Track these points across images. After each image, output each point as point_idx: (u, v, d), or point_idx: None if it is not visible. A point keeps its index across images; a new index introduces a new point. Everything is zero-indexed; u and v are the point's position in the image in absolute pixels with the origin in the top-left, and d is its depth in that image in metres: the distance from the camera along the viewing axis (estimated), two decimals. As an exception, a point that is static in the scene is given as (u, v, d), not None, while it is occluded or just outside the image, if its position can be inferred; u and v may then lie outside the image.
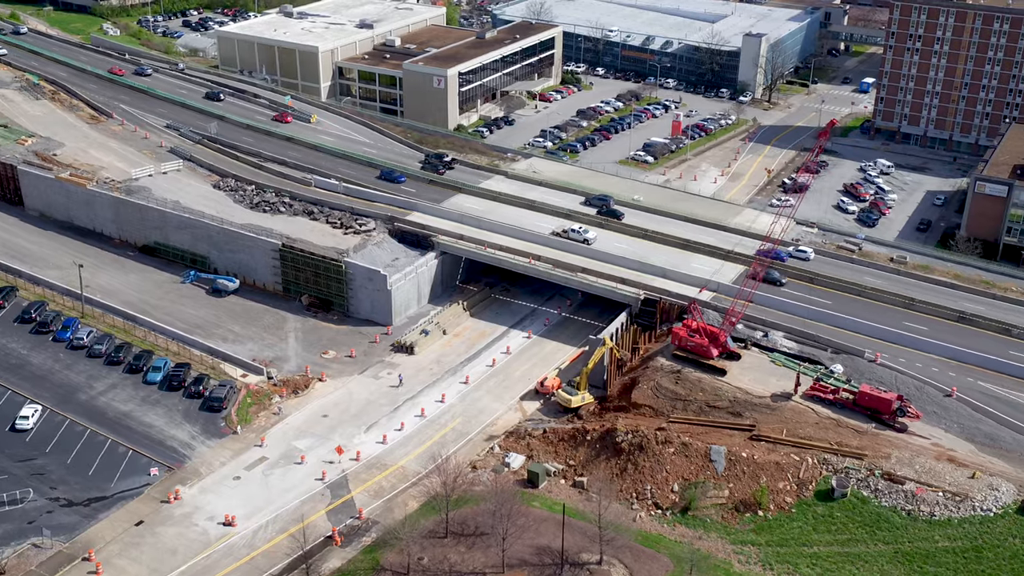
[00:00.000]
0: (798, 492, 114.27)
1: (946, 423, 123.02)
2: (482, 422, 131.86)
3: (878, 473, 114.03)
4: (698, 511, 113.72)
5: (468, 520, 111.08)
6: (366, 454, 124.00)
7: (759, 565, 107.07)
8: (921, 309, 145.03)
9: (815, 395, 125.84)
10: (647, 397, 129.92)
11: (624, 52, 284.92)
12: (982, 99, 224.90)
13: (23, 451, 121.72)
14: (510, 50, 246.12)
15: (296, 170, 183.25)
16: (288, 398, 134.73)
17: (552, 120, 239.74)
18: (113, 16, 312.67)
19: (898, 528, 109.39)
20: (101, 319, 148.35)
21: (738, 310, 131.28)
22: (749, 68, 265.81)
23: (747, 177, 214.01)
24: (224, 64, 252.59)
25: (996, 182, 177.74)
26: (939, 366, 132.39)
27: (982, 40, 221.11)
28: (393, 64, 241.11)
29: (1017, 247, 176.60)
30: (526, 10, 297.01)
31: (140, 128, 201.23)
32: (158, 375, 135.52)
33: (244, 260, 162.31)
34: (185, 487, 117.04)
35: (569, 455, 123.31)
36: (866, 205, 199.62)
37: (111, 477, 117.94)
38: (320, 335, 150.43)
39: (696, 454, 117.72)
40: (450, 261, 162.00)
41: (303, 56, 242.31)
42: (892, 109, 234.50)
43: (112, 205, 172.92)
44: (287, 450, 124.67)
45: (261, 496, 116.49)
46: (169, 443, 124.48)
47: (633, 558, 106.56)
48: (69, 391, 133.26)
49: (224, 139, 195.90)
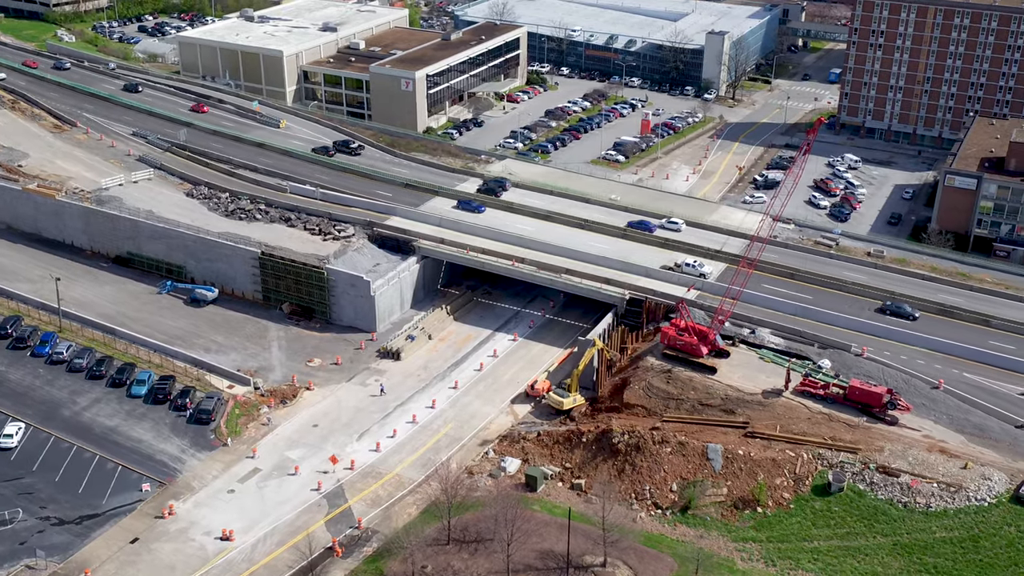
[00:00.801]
0: (795, 488, 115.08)
1: (935, 415, 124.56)
2: (474, 427, 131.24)
3: (873, 466, 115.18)
4: (698, 510, 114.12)
5: (469, 526, 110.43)
6: (360, 463, 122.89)
7: (762, 562, 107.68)
8: (902, 302, 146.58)
9: (806, 391, 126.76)
10: (639, 397, 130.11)
11: (588, 52, 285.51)
12: (944, 93, 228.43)
13: (9, 470, 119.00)
14: (477, 51, 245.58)
15: (270, 176, 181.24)
16: (276, 408, 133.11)
17: (521, 121, 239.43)
18: (67, 22, 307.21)
19: (895, 520, 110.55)
20: (79, 333, 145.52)
21: (726, 308, 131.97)
22: (713, 66, 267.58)
23: (718, 174, 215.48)
24: (186, 70, 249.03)
25: (965, 175, 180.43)
26: (924, 359, 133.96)
27: (943, 35, 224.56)
28: (359, 67, 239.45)
29: (987, 238, 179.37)
30: (488, 11, 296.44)
31: (106, 136, 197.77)
32: (142, 388, 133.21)
33: (222, 269, 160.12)
34: (179, 502, 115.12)
35: (565, 458, 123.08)
36: (837, 200, 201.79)
37: (102, 494, 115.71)
38: (304, 343, 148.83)
39: (693, 453, 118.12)
40: (431, 265, 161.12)
41: (267, 60, 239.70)
42: (856, 104, 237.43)
43: (83, 216, 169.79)
44: (280, 461, 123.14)
45: (257, 509, 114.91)
46: (159, 457, 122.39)
47: (637, 559, 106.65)
48: (52, 407, 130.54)
49: (194, 146, 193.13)
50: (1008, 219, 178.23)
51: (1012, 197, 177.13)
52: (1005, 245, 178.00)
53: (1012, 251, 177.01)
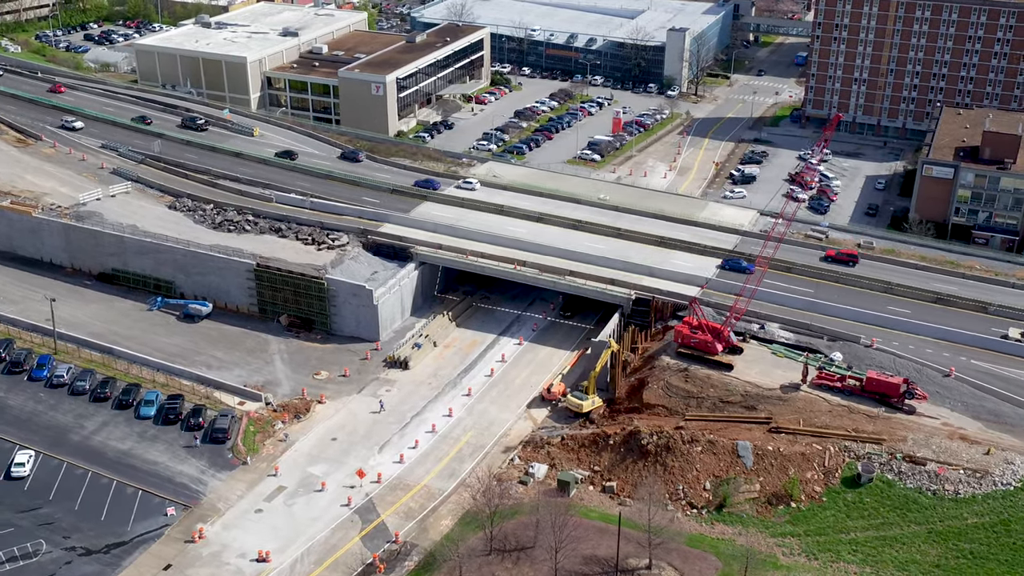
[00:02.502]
0: (825, 481, 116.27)
1: (950, 403, 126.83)
2: (494, 433, 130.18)
3: (899, 456, 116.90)
4: (733, 507, 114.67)
5: (508, 535, 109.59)
6: (387, 475, 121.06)
7: (803, 556, 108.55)
8: (899, 292, 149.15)
9: (823, 384, 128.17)
10: (659, 397, 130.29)
11: (549, 51, 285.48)
12: (908, 84, 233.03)
13: (25, 500, 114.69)
14: (443, 53, 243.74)
15: (252, 186, 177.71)
16: (291, 423, 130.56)
17: (489, 122, 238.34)
18: (8, 32, 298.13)
19: (927, 508, 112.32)
20: (76, 354, 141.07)
21: (741, 305, 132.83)
22: (675, 62, 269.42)
23: (694, 171, 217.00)
24: (144, 79, 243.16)
25: (943, 165, 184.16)
26: (932, 347, 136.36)
27: (905, 27, 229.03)
28: (325, 72, 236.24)
29: (966, 226, 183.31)
30: (446, 11, 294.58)
31: (75, 150, 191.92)
32: (151, 409, 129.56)
33: (215, 283, 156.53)
34: (207, 525, 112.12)
35: (593, 461, 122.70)
36: (814, 193, 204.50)
37: (126, 520, 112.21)
38: (307, 356, 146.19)
39: (723, 451, 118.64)
40: (428, 272, 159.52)
41: (230, 67, 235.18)
42: (822, 97, 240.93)
43: (63, 232, 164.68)
44: (304, 477, 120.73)
45: (289, 527, 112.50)
46: (179, 479, 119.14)
47: (681, 560, 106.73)
48: (59, 433, 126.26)
49: (169, 157, 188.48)
50: (985, 207, 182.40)
51: (989, 185, 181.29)
52: (983, 232, 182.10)
53: (991, 238, 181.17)
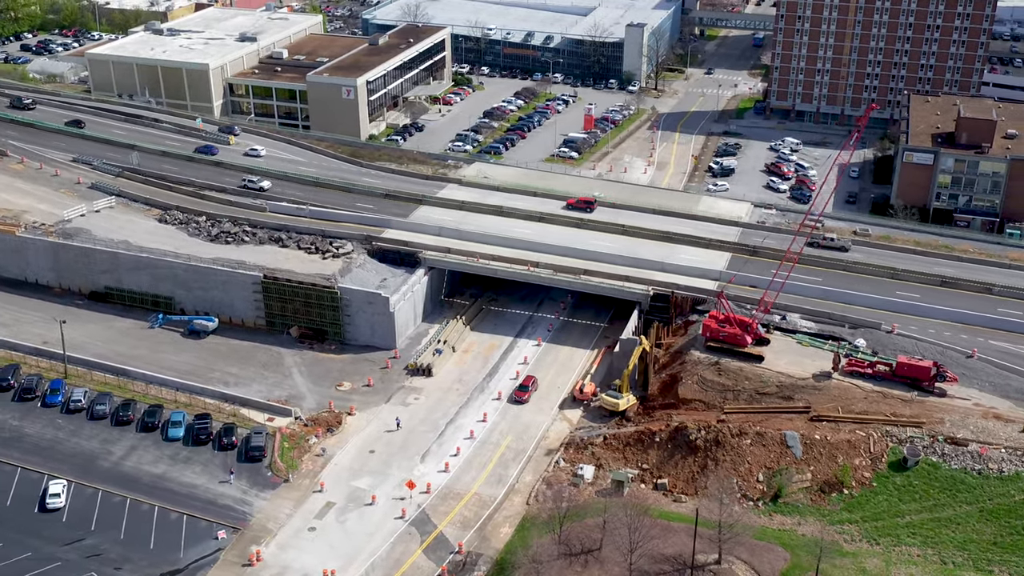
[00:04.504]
0: (873, 466, 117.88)
1: (978, 383, 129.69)
2: (533, 436, 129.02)
3: (941, 438, 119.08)
4: (787, 497, 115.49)
5: (572, 538, 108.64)
6: (435, 485, 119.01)
7: (864, 542, 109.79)
8: (906, 278, 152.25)
9: (854, 371, 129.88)
10: (694, 392, 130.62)
11: (506, 50, 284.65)
12: (870, 74, 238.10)
13: (65, 532, 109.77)
14: (409, 55, 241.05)
15: (242, 196, 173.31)
16: (325, 437, 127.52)
17: (458, 123, 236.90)
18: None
19: (974, 488, 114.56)
20: (87, 377, 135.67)
21: (769, 298, 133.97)
22: (634, 58, 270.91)
23: (671, 165, 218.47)
24: (98, 89, 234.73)
25: (923, 151, 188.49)
26: (949, 330, 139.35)
27: (866, 18, 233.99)
28: (288, 77, 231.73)
29: (947, 210, 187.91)
30: (399, 12, 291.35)
31: (46, 165, 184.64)
32: (179, 430, 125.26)
33: (218, 297, 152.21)
34: (262, 546, 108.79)
35: (640, 459, 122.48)
36: (793, 183, 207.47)
37: (176, 547, 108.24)
38: (326, 367, 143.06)
39: (772, 442, 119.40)
40: (435, 276, 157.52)
41: (191, 75, 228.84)
42: (785, 89, 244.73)
43: (50, 251, 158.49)
44: (351, 492, 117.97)
45: (346, 544, 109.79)
46: (222, 502, 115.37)
47: (749, 553, 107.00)
48: (87, 460, 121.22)
49: (148, 169, 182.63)
50: (965, 191, 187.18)
51: (968, 170, 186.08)
52: (964, 215, 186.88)
53: (972, 221, 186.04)
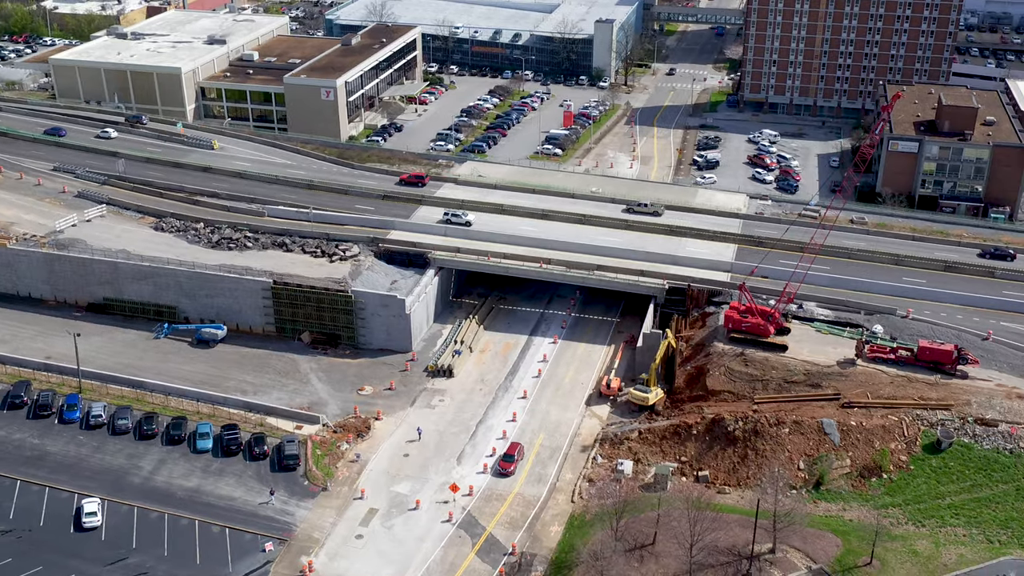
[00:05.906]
0: (908, 450, 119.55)
1: (997, 364, 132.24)
2: (565, 434, 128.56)
3: (971, 420, 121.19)
4: (829, 484, 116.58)
5: (625, 534, 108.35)
6: (477, 487, 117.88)
7: (911, 524, 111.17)
8: (910, 263, 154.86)
9: (876, 356, 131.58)
10: (722, 383, 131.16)
11: (475, 48, 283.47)
12: (841, 65, 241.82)
13: (106, 552, 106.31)
14: (384, 55, 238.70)
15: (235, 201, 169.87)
16: (356, 443, 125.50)
17: (435, 123, 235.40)
18: None
19: (1009, 467, 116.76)
20: (103, 391, 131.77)
21: (791, 289, 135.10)
22: (604, 54, 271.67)
23: (655, 159, 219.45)
24: (64, 95, 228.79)
25: (907, 139, 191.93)
26: (961, 313, 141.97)
27: (837, 10, 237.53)
28: (263, 79, 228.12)
29: (932, 196, 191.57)
30: (364, 12, 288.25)
31: (26, 175, 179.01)
32: (207, 442, 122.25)
33: (225, 304, 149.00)
34: (312, 557, 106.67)
35: (678, 452, 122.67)
36: (777, 174, 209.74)
37: (224, 561, 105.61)
38: (343, 372, 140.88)
39: (809, 430, 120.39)
40: (444, 276, 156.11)
41: (163, 79, 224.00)
42: (759, 82, 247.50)
43: (45, 263, 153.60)
44: (392, 497, 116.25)
45: (397, 551, 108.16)
46: (263, 513, 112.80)
47: (801, 540, 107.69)
48: (116, 476, 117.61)
49: (135, 176, 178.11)
50: (950, 177, 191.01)
51: (952, 157, 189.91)
52: (949, 201, 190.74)
53: (957, 206, 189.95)
